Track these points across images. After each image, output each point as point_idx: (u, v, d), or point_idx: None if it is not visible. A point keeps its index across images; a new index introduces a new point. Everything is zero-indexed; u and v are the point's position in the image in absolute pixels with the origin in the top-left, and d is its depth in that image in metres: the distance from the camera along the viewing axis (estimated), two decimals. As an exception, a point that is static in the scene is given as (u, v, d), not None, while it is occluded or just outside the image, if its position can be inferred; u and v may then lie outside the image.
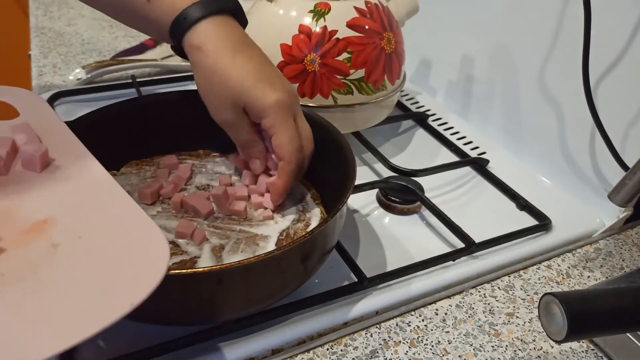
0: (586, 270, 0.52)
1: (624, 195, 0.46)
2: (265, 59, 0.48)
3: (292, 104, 0.46)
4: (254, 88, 0.45)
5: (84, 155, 0.40)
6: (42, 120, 0.43)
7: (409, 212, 0.58)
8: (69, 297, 0.28)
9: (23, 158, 0.39)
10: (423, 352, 0.42)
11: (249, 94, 0.45)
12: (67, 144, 0.41)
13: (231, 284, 0.37)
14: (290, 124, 0.46)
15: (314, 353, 0.42)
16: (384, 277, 0.47)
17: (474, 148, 0.70)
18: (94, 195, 0.36)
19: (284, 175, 0.46)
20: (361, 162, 0.66)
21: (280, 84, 0.46)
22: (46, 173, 0.38)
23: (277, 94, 0.45)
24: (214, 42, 0.46)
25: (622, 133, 0.55)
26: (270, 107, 0.45)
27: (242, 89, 0.45)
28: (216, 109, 0.47)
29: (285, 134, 0.45)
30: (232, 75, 0.45)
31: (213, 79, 0.46)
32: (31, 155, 0.38)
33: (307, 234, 0.39)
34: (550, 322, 0.32)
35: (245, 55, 0.46)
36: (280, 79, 0.47)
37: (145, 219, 0.34)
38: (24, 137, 0.40)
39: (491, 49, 0.69)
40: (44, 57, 0.86)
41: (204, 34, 0.46)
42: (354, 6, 0.60)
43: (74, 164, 0.39)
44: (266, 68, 0.47)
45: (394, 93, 0.65)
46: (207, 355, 0.40)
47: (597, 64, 0.55)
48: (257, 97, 0.45)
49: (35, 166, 0.38)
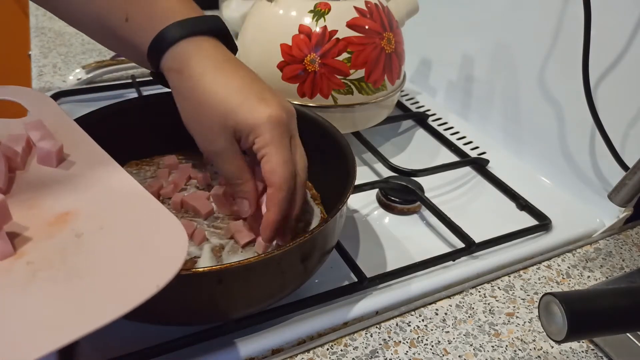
0: (586, 270, 0.52)
1: (624, 195, 0.46)
2: (254, 76, 0.43)
3: (289, 122, 0.41)
4: (243, 104, 0.40)
5: (96, 150, 0.41)
6: (51, 117, 0.44)
7: (409, 212, 0.58)
8: (98, 281, 0.30)
9: (39, 154, 0.40)
10: (423, 352, 0.42)
11: (237, 112, 0.40)
12: (79, 140, 0.42)
13: (231, 284, 0.37)
14: (285, 145, 0.40)
15: (314, 353, 0.42)
16: (384, 277, 0.47)
17: (474, 148, 0.70)
18: (110, 188, 0.38)
19: (272, 205, 0.40)
20: (361, 162, 0.66)
21: (273, 99, 0.41)
22: (61, 168, 0.39)
23: (270, 109, 0.39)
24: (195, 63, 0.41)
25: (622, 133, 0.55)
26: (263, 124, 0.39)
27: (229, 108, 0.40)
28: (203, 137, 0.42)
29: (279, 156, 0.39)
30: (216, 95, 0.40)
31: (195, 103, 0.41)
32: (48, 151, 0.39)
33: (307, 234, 0.39)
34: (550, 322, 0.32)
35: (229, 73, 0.41)
36: (273, 94, 0.42)
37: (160, 207, 0.35)
38: (37, 134, 0.41)
39: (491, 49, 0.69)
40: (44, 57, 0.86)
41: (183, 55, 0.41)
42: (354, 6, 0.60)
43: (87, 159, 0.40)
44: (256, 84, 0.42)
45: (394, 93, 0.65)
46: (207, 355, 0.40)
47: (597, 64, 0.55)
48: (247, 114, 0.39)
49: (51, 161, 0.39)
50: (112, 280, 0.30)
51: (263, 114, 0.39)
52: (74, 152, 0.41)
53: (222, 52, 0.43)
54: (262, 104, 0.40)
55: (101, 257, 0.32)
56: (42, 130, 0.42)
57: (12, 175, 0.38)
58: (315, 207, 0.50)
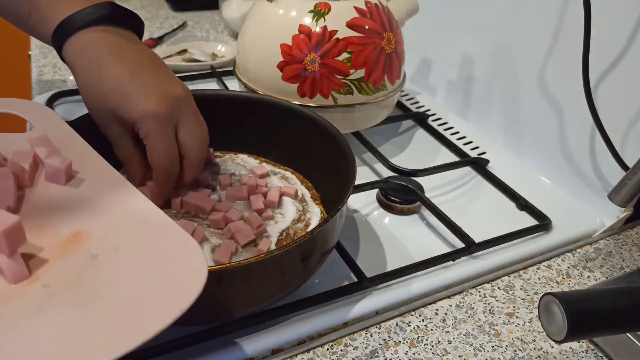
0: (586, 270, 0.52)
1: (624, 195, 0.46)
2: (145, 63, 0.45)
3: (171, 112, 0.43)
4: (124, 100, 0.42)
5: (103, 166, 0.40)
6: (55, 130, 0.43)
7: (409, 212, 0.58)
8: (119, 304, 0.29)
9: (47, 171, 0.38)
10: (423, 352, 0.42)
11: (121, 106, 0.42)
12: (85, 155, 0.41)
13: (231, 284, 0.37)
14: (164, 135, 0.43)
15: (314, 353, 0.42)
16: (384, 277, 0.47)
17: (474, 148, 0.70)
18: (121, 206, 0.36)
19: (157, 185, 0.45)
20: (361, 162, 0.66)
21: (156, 91, 0.43)
22: (70, 186, 0.38)
23: (149, 104, 0.42)
24: (86, 57, 0.44)
25: (622, 133, 0.55)
26: (141, 119, 0.42)
27: (114, 101, 0.43)
28: (99, 124, 0.45)
29: (157, 147, 0.43)
30: (103, 89, 0.43)
31: (87, 95, 0.44)
32: (57, 168, 0.38)
33: (307, 234, 0.39)
34: (550, 322, 0.32)
35: (118, 63, 0.43)
36: (159, 83, 0.44)
37: (174, 226, 0.34)
38: (45, 151, 0.40)
39: (491, 49, 0.69)
40: (44, 57, 0.86)
41: (73, 51, 0.44)
42: (354, 6, 0.60)
43: (96, 176, 0.39)
44: (144, 73, 0.44)
45: (394, 93, 0.65)
46: (207, 355, 0.40)
47: (597, 64, 0.55)
48: (128, 109, 0.42)
49: (60, 179, 0.38)
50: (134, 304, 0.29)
51: (141, 109, 0.42)
52: (81, 168, 0.39)
53: (115, 39, 0.45)
54: (141, 99, 0.42)
55: (120, 278, 0.31)
56: (49, 146, 0.40)
57: (21, 193, 0.37)
58: (315, 207, 0.50)
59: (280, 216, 0.49)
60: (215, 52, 0.92)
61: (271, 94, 0.61)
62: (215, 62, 0.85)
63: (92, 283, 0.30)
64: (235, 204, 0.49)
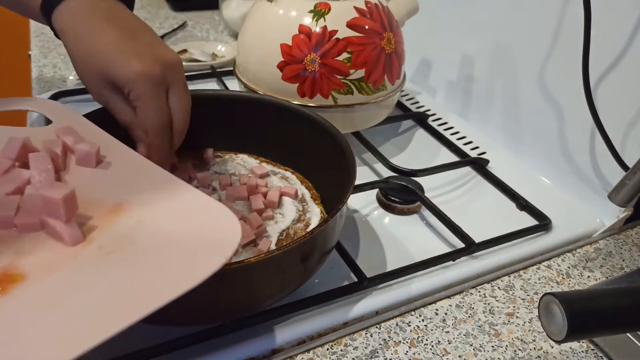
0: (586, 270, 0.52)
1: (624, 195, 0.46)
2: (137, 28, 0.45)
3: (163, 75, 0.43)
4: (116, 60, 0.42)
5: (125, 150, 0.42)
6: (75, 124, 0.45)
7: (409, 212, 0.58)
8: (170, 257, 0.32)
9: (78, 155, 0.41)
10: (423, 352, 0.42)
11: (112, 67, 0.42)
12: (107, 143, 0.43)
13: (231, 284, 0.37)
14: (157, 97, 0.43)
15: (314, 353, 0.42)
16: (384, 277, 0.47)
17: (474, 148, 0.70)
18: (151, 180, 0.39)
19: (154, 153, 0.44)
20: (361, 162, 0.66)
21: (148, 54, 0.43)
22: (100, 168, 0.41)
23: (141, 65, 0.42)
24: (76, 21, 0.44)
25: (622, 133, 0.55)
26: (133, 80, 0.42)
27: (105, 62, 0.42)
28: (90, 89, 0.45)
29: (149, 108, 0.42)
30: (94, 50, 0.43)
31: (79, 60, 0.44)
32: (87, 152, 0.41)
33: (307, 234, 0.39)
34: (550, 322, 0.32)
35: (109, 26, 0.43)
36: (151, 47, 0.44)
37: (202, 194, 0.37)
38: (72, 138, 0.42)
39: (491, 49, 0.69)
40: (44, 57, 0.86)
41: (65, 16, 0.44)
42: (354, 6, 0.60)
43: (121, 159, 0.42)
44: (136, 37, 0.44)
45: (394, 93, 0.65)
46: (207, 355, 0.40)
47: (597, 64, 0.55)
48: (120, 69, 0.42)
49: (91, 162, 0.41)
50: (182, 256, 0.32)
51: (134, 69, 0.42)
52: (107, 153, 0.42)
53: (104, 6, 0.45)
54: (134, 59, 0.42)
55: (167, 236, 0.34)
56: (75, 135, 0.43)
57: (57, 176, 0.40)
58: (315, 207, 0.50)
59: (280, 216, 0.49)
60: (215, 52, 0.92)
61: (271, 94, 0.61)
62: (215, 62, 0.86)
63: (143, 240, 0.33)
64: (235, 204, 0.49)
